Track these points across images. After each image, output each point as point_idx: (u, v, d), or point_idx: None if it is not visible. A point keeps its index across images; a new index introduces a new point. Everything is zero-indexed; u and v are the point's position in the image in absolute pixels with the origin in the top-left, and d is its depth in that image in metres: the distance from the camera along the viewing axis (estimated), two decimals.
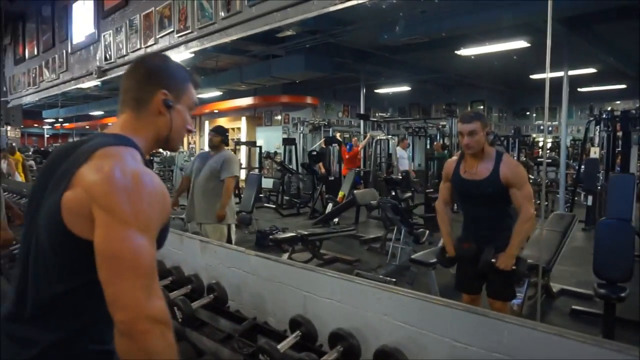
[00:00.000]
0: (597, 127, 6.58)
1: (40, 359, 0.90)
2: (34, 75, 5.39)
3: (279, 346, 1.81)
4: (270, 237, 4.67)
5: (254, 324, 2.17)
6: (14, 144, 7.56)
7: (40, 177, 1.02)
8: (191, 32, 2.87)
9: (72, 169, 0.91)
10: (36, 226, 0.94)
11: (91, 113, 13.92)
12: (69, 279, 0.91)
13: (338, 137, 10.34)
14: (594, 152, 6.42)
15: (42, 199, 0.95)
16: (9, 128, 7.24)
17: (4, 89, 6.47)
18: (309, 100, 11.61)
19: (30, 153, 11.72)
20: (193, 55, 3.16)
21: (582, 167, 6.69)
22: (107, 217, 0.86)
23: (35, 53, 5.37)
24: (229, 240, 3.65)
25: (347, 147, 9.21)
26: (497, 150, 2.43)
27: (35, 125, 15.67)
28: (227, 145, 3.93)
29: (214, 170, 3.58)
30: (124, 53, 3.62)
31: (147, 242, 0.87)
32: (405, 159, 9.09)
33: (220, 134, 3.77)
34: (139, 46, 3.41)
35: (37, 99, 5.73)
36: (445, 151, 9.39)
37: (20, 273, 0.96)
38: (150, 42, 3.29)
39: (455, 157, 2.57)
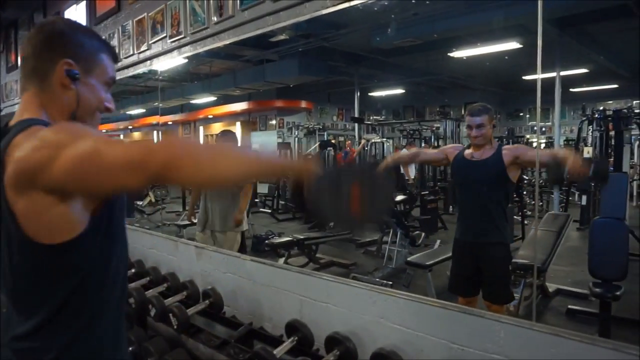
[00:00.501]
0: (590, 127, 6.62)
1: None
2: (18, 87, 5.36)
3: (275, 351, 1.80)
4: (266, 241, 4.65)
5: (250, 329, 2.16)
6: None
7: None
8: (184, 37, 2.87)
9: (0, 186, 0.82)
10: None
11: None
12: (54, 292, 0.87)
13: (332, 141, 10.35)
14: (587, 152, 6.45)
15: None
16: None
17: None
18: (303, 104, 11.62)
19: None
20: (187, 60, 3.16)
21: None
22: (51, 158, 0.75)
23: None
24: (243, 247, 3.57)
25: (343, 154, 9.21)
26: (500, 143, 2.48)
27: None
28: None
29: None
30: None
31: (96, 136, 0.79)
32: (413, 165, 8.99)
33: (231, 139, 3.62)
34: (131, 52, 3.41)
35: None
36: None
37: (6, 293, 0.92)
38: (143, 47, 3.28)
39: (460, 146, 2.64)
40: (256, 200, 7.18)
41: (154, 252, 3.09)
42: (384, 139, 9.98)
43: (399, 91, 11.01)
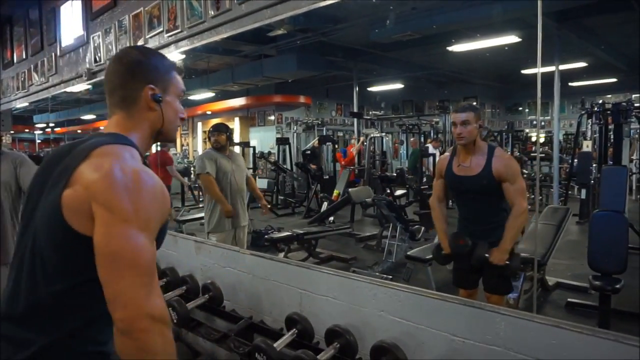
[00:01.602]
0: (589, 121, 6.61)
1: (36, 359, 0.88)
2: (22, 79, 5.33)
3: (275, 344, 1.80)
4: (266, 236, 4.65)
5: (250, 323, 2.16)
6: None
7: (37, 178, 1.00)
8: (181, 32, 2.85)
9: (70, 167, 0.90)
10: (34, 226, 0.93)
11: (82, 117, 13.82)
12: (68, 278, 0.90)
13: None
14: (587, 146, 6.45)
15: (39, 199, 0.94)
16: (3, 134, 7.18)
17: None
18: (302, 99, 11.60)
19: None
20: (184, 55, 3.14)
21: (575, 160, 6.72)
22: (107, 214, 0.85)
23: (24, 57, 5.31)
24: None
25: (342, 153, 9.21)
26: (490, 145, 2.43)
27: (26, 130, 15.52)
28: (232, 144, 3.77)
29: (242, 170, 3.54)
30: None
31: (146, 240, 0.87)
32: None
33: (223, 131, 3.51)
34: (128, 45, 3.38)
35: (26, 103, 5.67)
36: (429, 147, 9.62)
37: (15, 273, 0.94)
38: (140, 42, 3.26)
39: (447, 154, 2.57)
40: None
41: None
42: (384, 134, 9.96)
43: (398, 86, 10.98)
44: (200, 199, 7.14)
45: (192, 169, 10.36)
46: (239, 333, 2.08)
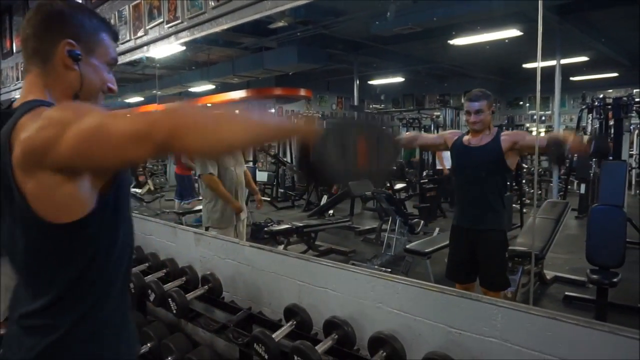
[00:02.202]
0: (590, 116, 6.61)
1: (59, 343, 0.88)
2: (22, 69, 5.31)
3: (273, 335, 1.81)
4: (265, 229, 4.66)
5: (249, 314, 2.18)
6: None
7: None
8: (181, 23, 2.83)
9: (7, 166, 0.82)
10: (9, 223, 0.89)
11: None
12: (64, 273, 0.88)
13: None
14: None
15: (1, 207, 0.88)
16: None
17: None
18: (302, 92, 11.56)
19: None
20: (184, 47, 3.12)
21: (575, 155, 6.71)
22: (57, 136, 0.75)
23: None
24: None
25: None
26: (498, 129, 2.48)
27: None
28: None
29: (241, 163, 3.57)
30: None
31: (100, 111, 0.78)
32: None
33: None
34: (128, 37, 3.37)
35: None
36: None
37: (16, 272, 0.94)
38: (140, 33, 3.25)
39: (458, 131, 2.65)
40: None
41: (152, 238, 3.09)
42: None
43: (399, 79, 10.95)
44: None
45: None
46: (238, 324, 2.10)
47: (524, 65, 8.43)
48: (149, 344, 2.32)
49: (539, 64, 1.88)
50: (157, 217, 3.05)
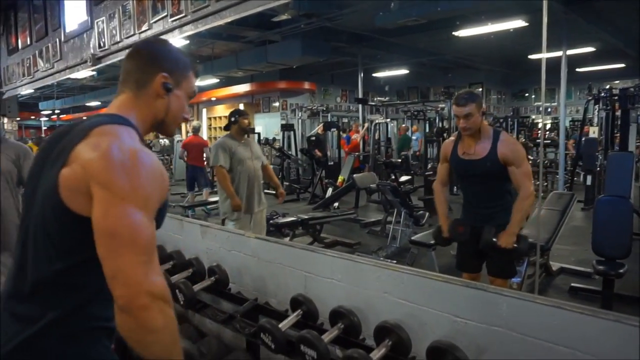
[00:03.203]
0: (596, 107, 6.56)
1: (41, 335, 0.90)
2: (28, 65, 5.34)
3: (280, 325, 1.83)
4: (271, 222, 4.68)
5: (255, 304, 2.19)
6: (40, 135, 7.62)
7: (37, 159, 1.02)
8: (185, 16, 2.83)
9: (69, 146, 0.91)
10: (35, 204, 0.94)
11: (88, 104, 13.85)
12: (67, 256, 0.91)
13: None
14: (593, 132, 6.41)
15: (39, 178, 0.95)
16: (5, 120, 7.21)
17: None
18: (306, 85, 11.55)
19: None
20: (188, 41, 3.13)
21: (581, 147, 6.68)
22: (105, 193, 0.86)
23: (28, 43, 5.31)
24: None
25: (346, 139, 9.21)
26: (495, 129, 2.42)
27: (32, 117, 15.57)
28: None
29: (259, 157, 3.59)
30: (118, 39, 3.58)
31: (145, 218, 0.87)
32: None
33: (248, 115, 3.62)
34: (132, 32, 3.38)
35: (32, 89, 5.68)
36: (408, 132, 10.49)
37: (20, 251, 0.96)
38: (144, 27, 3.25)
39: (452, 138, 2.57)
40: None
41: (159, 231, 3.11)
42: (388, 120, 9.93)
43: (403, 72, 10.90)
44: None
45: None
46: (245, 314, 2.11)
47: (530, 56, 8.37)
48: None
49: (544, 55, 1.87)
50: None
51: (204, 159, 6.97)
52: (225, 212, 3.43)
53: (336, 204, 6.49)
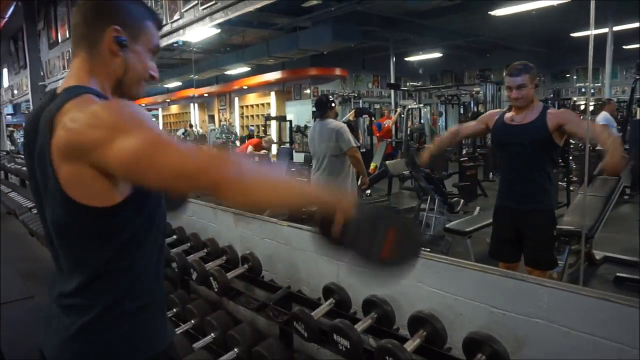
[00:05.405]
0: None
1: (94, 322, 0.90)
2: (68, 57, 5.51)
3: (313, 313, 1.82)
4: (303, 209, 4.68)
5: (288, 292, 2.20)
6: None
7: (26, 159, 0.96)
8: (215, 3, 2.83)
9: (45, 146, 0.84)
10: (45, 206, 0.92)
11: None
12: (99, 250, 0.89)
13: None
14: None
15: (38, 183, 0.91)
16: None
17: (42, 73, 6.67)
18: (337, 72, 11.45)
19: None
20: (219, 30, 3.13)
21: (628, 129, 6.34)
22: (104, 140, 0.78)
23: (68, 36, 5.47)
24: None
25: (377, 126, 9.10)
26: (544, 105, 2.34)
27: None
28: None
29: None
30: None
31: (154, 132, 0.80)
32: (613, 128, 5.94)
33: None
34: (165, 21, 3.41)
35: None
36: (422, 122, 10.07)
37: (51, 249, 0.97)
38: (176, 16, 3.28)
39: (498, 110, 2.53)
40: (292, 169, 7.26)
41: (193, 219, 3.17)
42: (421, 105, 9.73)
43: (437, 55, 10.64)
44: None
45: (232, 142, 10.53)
46: (278, 302, 2.12)
47: (572, 34, 7.97)
48: (192, 321, 2.40)
49: (592, 32, 1.75)
50: (198, 199, 3.11)
51: None
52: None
53: (368, 192, 6.43)
